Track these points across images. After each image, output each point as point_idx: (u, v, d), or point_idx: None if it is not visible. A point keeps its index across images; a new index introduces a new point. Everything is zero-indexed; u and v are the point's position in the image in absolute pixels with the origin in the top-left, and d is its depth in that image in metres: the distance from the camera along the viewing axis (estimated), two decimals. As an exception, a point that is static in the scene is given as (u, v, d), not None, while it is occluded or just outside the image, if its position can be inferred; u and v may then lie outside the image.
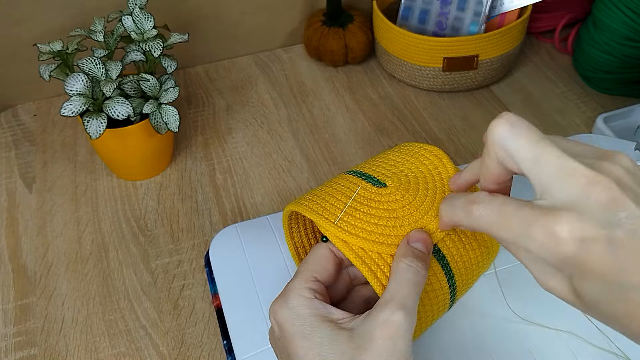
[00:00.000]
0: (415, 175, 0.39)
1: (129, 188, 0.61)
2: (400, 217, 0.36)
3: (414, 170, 0.39)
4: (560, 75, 0.73)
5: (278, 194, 0.60)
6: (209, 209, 0.58)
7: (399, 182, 0.38)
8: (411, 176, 0.39)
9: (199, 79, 0.75)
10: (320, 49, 0.73)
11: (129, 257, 0.54)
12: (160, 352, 0.47)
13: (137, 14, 0.55)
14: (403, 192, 0.37)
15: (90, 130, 0.51)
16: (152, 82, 0.54)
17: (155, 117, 0.54)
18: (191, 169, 0.63)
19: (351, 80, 0.74)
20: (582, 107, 0.69)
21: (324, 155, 0.64)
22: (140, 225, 0.57)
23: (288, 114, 0.69)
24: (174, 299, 0.51)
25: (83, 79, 0.51)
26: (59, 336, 0.49)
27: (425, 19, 0.71)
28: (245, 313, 0.45)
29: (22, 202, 0.60)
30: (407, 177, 0.38)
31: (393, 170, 0.39)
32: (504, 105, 0.69)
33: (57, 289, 0.52)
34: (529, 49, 0.77)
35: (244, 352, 0.43)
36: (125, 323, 0.49)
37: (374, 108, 0.69)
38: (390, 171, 0.39)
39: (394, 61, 0.71)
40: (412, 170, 0.39)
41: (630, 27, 0.63)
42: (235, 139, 0.66)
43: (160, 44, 0.54)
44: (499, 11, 0.69)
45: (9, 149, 0.65)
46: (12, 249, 0.55)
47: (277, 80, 0.74)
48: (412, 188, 0.37)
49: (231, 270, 0.48)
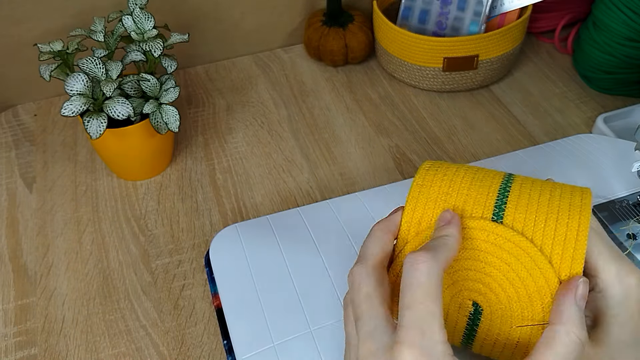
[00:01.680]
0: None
1: (129, 188, 0.61)
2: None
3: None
4: (560, 75, 0.73)
5: (278, 194, 0.60)
6: (209, 209, 0.58)
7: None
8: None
9: (199, 79, 0.75)
10: (320, 49, 0.73)
11: (129, 257, 0.54)
12: (160, 352, 0.47)
13: (137, 14, 0.55)
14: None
15: (90, 130, 0.51)
16: (152, 82, 0.54)
17: (156, 117, 0.54)
18: (191, 169, 0.63)
19: (351, 80, 0.74)
20: (582, 107, 0.69)
21: (324, 155, 0.64)
22: (140, 225, 0.57)
23: (288, 114, 0.69)
24: (174, 299, 0.51)
25: (83, 79, 0.51)
26: (59, 336, 0.49)
27: (426, 19, 0.71)
28: (245, 313, 0.45)
29: (23, 202, 0.60)
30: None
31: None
32: (504, 105, 0.69)
33: (57, 289, 0.52)
34: (529, 49, 0.77)
35: (244, 352, 0.43)
36: (126, 323, 0.49)
37: (374, 108, 0.69)
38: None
39: (394, 61, 0.71)
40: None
41: (630, 27, 0.63)
42: (236, 139, 0.66)
43: (161, 44, 0.54)
44: (499, 11, 0.69)
45: (9, 149, 0.65)
46: (12, 248, 0.55)
47: (277, 80, 0.74)
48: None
49: (231, 270, 0.48)
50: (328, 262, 0.48)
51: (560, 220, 0.32)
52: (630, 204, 0.51)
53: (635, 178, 0.53)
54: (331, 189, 0.60)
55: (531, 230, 0.32)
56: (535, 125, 0.66)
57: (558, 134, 0.65)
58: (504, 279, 0.32)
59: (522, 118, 0.67)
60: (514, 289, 0.32)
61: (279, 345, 0.43)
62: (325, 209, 0.53)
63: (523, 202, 0.33)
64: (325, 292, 0.45)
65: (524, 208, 0.33)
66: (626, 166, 0.53)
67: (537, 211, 0.32)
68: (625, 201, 0.51)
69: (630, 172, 0.53)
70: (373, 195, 0.54)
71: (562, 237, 0.32)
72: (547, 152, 0.57)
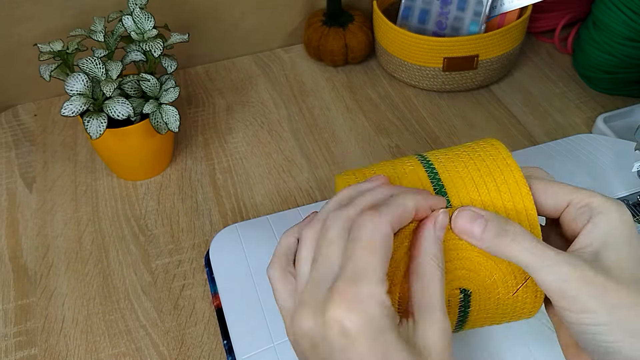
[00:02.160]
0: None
1: (129, 188, 0.61)
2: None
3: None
4: (560, 75, 0.73)
5: (278, 194, 0.60)
6: (209, 209, 0.58)
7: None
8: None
9: (199, 79, 0.75)
10: (320, 49, 0.73)
11: (129, 257, 0.54)
12: (160, 352, 0.47)
13: (137, 13, 0.55)
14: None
15: (90, 130, 0.51)
16: (152, 82, 0.54)
17: (156, 117, 0.54)
18: (191, 169, 0.63)
19: (351, 80, 0.74)
20: (582, 107, 0.69)
21: (324, 155, 0.64)
22: (140, 225, 0.57)
23: (288, 114, 0.69)
24: (174, 299, 0.51)
25: (83, 79, 0.51)
26: (59, 336, 0.49)
27: (426, 19, 0.71)
28: (245, 313, 0.45)
29: (23, 202, 0.60)
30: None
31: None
32: (504, 105, 0.69)
33: (57, 289, 0.52)
34: (529, 49, 0.77)
35: (244, 352, 0.43)
36: (126, 323, 0.49)
37: (374, 108, 0.69)
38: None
39: (394, 61, 0.71)
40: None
41: (630, 27, 0.63)
42: (236, 139, 0.66)
43: (161, 44, 0.54)
44: (499, 11, 0.69)
45: (9, 149, 0.65)
46: (13, 249, 0.55)
47: (277, 80, 0.74)
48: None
49: (231, 270, 0.48)
50: (328, 262, 0.47)
51: (498, 179, 0.33)
52: (630, 204, 0.51)
53: (635, 178, 0.53)
54: (331, 189, 0.60)
55: (479, 202, 0.33)
56: (535, 125, 0.66)
57: (558, 134, 0.65)
58: (479, 255, 0.32)
59: (522, 118, 0.67)
60: (489, 258, 0.32)
61: (279, 345, 0.43)
62: (325, 209, 0.53)
63: (458, 181, 0.34)
64: (325, 292, 0.45)
65: (463, 187, 0.33)
66: (626, 166, 0.53)
67: (475, 184, 0.33)
68: (625, 201, 0.51)
69: (630, 172, 0.53)
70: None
71: (507, 194, 0.33)
72: (547, 152, 0.57)
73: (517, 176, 0.34)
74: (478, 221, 0.31)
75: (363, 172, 0.37)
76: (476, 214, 0.31)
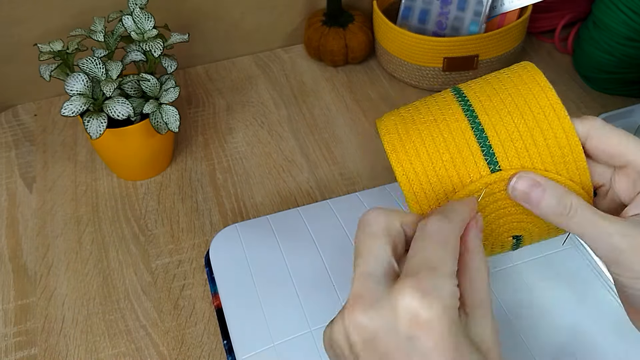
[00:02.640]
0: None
1: (129, 188, 0.61)
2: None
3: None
4: (560, 75, 0.73)
5: (278, 194, 0.60)
6: (209, 209, 0.58)
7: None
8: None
9: (199, 79, 0.75)
10: (320, 49, 0.73)
11: (129, 257, 0.54)
12: (160, 352, 0.47)
13: (137, 13, 0.55)
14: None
15: (90, 130, 0.51)
16: (152, 82, 0.54)
17: (156, 117, 0.54)
18: (191, 169, 0.63)
19: (351, 80, 0.74)
20: (582, 107, 0.69)
21: (324, 155, 0.64)
22: (140, 225, 0.57)
23: (288, 114, 0.69)
24: (174, 299, 0.51)
25: (83, 79, 0.51)
26: (59, 336, 0.49)
27: (426, 19, 0.71)
28: (245, 313, 0.45)
29: (23, 202, 0.60)
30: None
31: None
32: (504, 105, 0.69)
33: (57, 289, 0.52)
34: (529, 49, 0.77)
35: (244, 352, 0.43)
36: (126, 323, 0.49)
37: (374, 108, 0.69)
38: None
39: (394, 61, 0.71)
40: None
41: (630, 27, 0.63)
42: (236, 139, 0.66)
43: (161, 44, 0.54)
44: (499, 11, 0.69)
45: (9, 149, 0.65)
46: (12, 249, 0.55)
47: (277, 80, 0.74)
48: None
49: (231, 270, 0.48)
50: (328, 262, 0.48)
51: (546, 132, 0.33)
52: (631, 204, 0.51)
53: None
54: (331, 189, 0.60)
55: (528, 160, 0.33)
56: (535, 125, 0.66)
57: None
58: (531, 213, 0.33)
59: (522, 118, 0.67)
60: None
61: (279, 345, 0.43)
62: (325, 209, 0.53)
63: (503, 135, 0.33)
64: (325, 292, 0.45)
65: (509, 142, 0.33)
66: (626, 166, 0.53)
67: (521, 137, 0.33)
68: (625, 201, 0.51)
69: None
70: (373, 195, 0.54)
71: (558, 151, 0.33)
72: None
73: (560, 115, 0.35)
74: (536, 190, 0.31)
75: (400, 114, 0.38)
76: (535, 182, 0.31)
